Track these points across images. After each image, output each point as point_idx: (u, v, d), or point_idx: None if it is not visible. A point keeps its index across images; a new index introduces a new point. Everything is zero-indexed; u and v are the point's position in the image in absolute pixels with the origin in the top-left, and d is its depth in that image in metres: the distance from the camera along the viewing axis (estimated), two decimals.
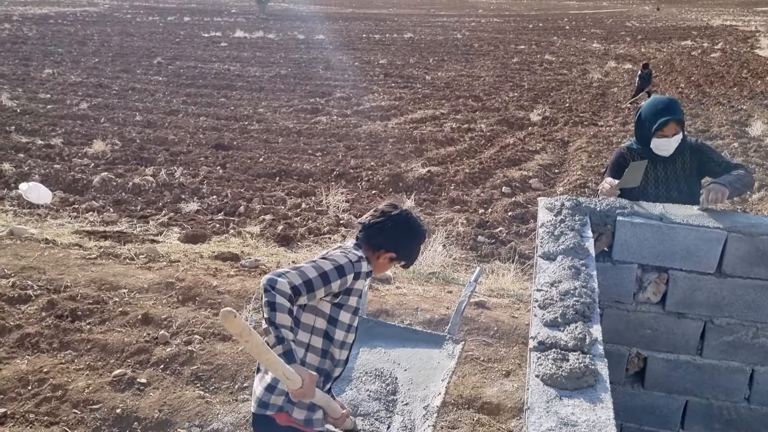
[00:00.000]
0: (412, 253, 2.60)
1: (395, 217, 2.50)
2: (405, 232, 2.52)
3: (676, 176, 3.41)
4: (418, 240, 2.59)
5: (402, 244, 2.54)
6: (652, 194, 3.43)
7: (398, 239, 2.51)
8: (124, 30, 32.53)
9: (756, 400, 2.95)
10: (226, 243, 6.80)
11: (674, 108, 3.34)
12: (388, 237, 2.49)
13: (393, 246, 2.51)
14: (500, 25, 43.47)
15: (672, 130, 3.30)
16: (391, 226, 2.48)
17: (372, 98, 16.34)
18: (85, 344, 4.28)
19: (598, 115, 14.96)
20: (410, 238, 2.56)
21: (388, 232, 2.48)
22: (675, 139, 3.32)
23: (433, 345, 3.30)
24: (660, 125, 3.29)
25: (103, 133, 11.78)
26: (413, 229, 2.55)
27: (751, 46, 29.82)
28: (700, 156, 3.39)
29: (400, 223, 2.50)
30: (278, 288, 2.10)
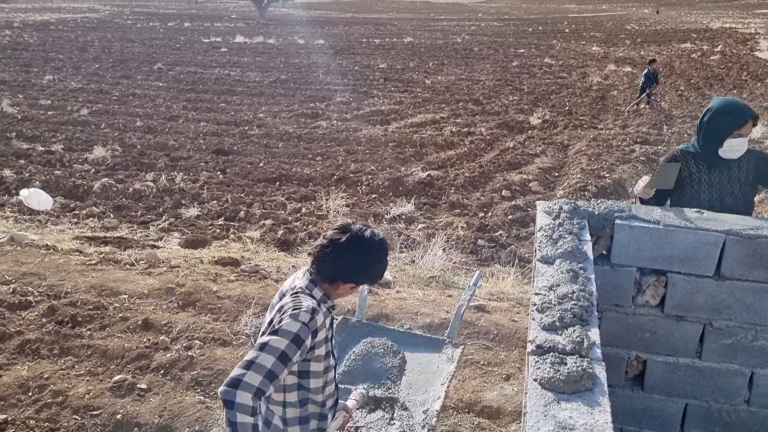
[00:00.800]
0: (373, 275, 2.33)
1: (345, 243, 2.20)
2: (359, 257, 2.22)
3: (730, 182, 3.34)
4: (375, 261, 2.27)
5: (358, 271, 2.26)
6: (705, 199, 3.37)
7: (352, 267, 2.23)
8: (124, 36, 32.64)
9: (756, 402, 2.95)
10: (226, 248, 6.81)
11: (748, 108, 3.29)
12: (341, 267, 2.21)
13: (348, 276, 2.25)
14: (500, 28, 43.54)
15: (749, 129, 3.26)
16: (341, 255, 2.20)
17: (372, 102, 16.36)
18: (86, 350, 4.28)
19: (598, 118, 14.97)
20: (365, 263, 2.25)
21: (339, 262, 2.20)
22: (745, 141, 3.26)
23: (432, 349, 3.30)
24: (741, 122, 3.24)
25: (104, 138, 11.81)
26: (368, 251, 2.23)
27: (750, 48, 29.85)
28: (758, 163, 3.33)
29: (351, 249, 2.20)
30: (238, 403, 1.89)
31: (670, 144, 11.83)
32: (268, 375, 1.96)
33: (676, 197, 3.47)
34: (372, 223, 8.00)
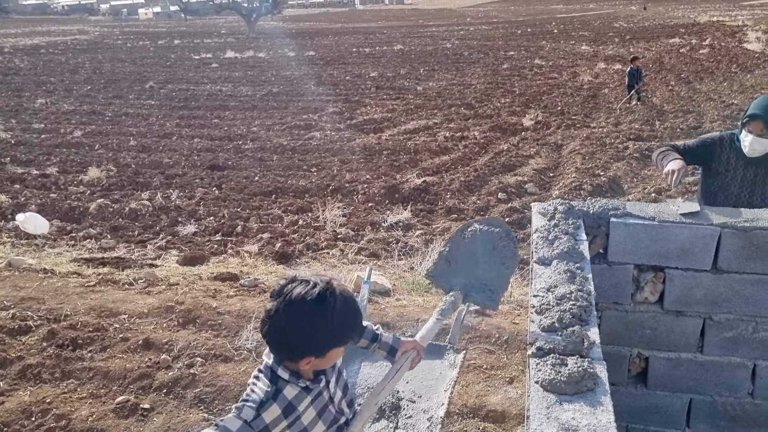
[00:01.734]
0: (336, 339, 1.76)
1: (279, 315, 1.67)
2: (310, 321, 1.67)
3: (764, 183, 3.29)
4: (335, 319, 1.69)
5: (310, 341, 1.69)
6: (734, 194, 3.34)
7: (303, 338, 1.69)
8: (115, 56, 32.71)
9: (760, 395, 2.94)
10: (224, 263, 6.80)
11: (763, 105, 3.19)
12: (284, 345, 1.73)
13: (299, 349, 1.73)
14: (489, 32, 43.71)
15: (758, 129, 3.18)
16: (287, 326, 1.68)
17: (364, 111, 16.40)
18: (87, 372, 4.27)
19: (591, 117, 15.01)
20: (320, 327, 1.68)
21: (280, 340, 1.72)
22: (759, 141, 3.18)
23: (434, 355, 3.29)
24: (748, 117, 3.20)
25: (98, 159, 11.82)
26: (321, 311, 1.66)
27: (739, 40, 29.99)
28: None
29: (288, 319, 1.67)
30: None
31: (663, 139, 11.86)
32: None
33: (707, 184, 3.41)
34: (369, 232, 8.00)
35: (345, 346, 1.80)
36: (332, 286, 1.72)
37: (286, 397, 1.79)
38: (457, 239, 2.64)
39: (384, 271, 6.37)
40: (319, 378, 1.86)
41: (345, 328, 1.76)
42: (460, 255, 2.62)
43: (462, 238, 2.63)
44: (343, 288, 1.76)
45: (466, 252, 2.62)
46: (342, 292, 1.73)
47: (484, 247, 2.61)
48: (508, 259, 2.62)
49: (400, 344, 2.26)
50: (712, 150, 3.38)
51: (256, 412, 1.72)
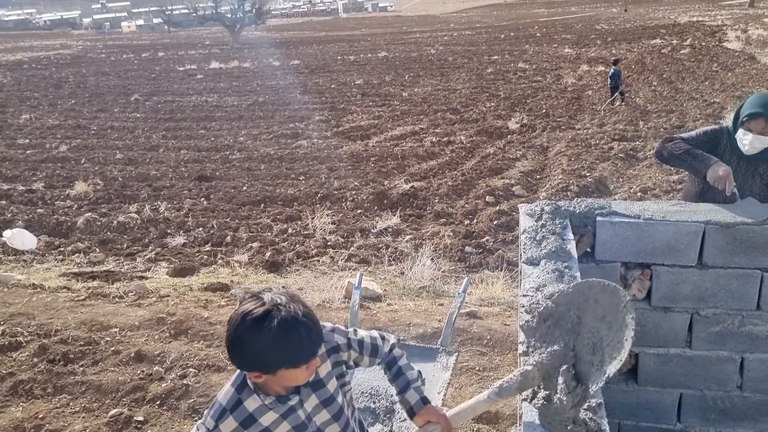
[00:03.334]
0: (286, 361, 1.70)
1: (228, 326, 1.70)
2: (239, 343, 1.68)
3: (753, 179, 3.28)
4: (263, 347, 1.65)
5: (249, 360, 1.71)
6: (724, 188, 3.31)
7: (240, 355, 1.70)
8: (99, 70, 32.58)
9: (748, 387, 2.98)
10: (215, 274, 6.80)
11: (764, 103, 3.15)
12: (233, 356, 1.72)
13: (245, 366, 1.76)
14: (472, 37, 43.96)
15: (758, 127, 3.14)
16: (228, 342, 1.70)
17: (351, 118, 16.45)
18: (80, 386, 4.25)
19: (575, 119, 15.14)
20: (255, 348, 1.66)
21: (229, 351, 1.71)
22: (759, 139, 3.16)
23: (426, 358, 3.31)
24: (748, 116, 3.18)
25: (85, 173, 11.77)
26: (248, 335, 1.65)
27: (719, 40, 30.36)
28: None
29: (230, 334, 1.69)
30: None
31: (647, 139, 11.99)
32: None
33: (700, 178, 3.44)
34: (359, 238, 8.02)
35: (303, 367, 1.71)
36: (279, 308, 1.66)
37: (247, 409, 1.79)
38: (573, 298, 1.97)
39: (375, 276, 6.39)
40: (289, 397, 1.82)
41: (287, 352, 1.66)
42: (566, 321, 1.96)
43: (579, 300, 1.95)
44: (295, 310, 1.67)
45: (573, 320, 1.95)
46: (289, 315, 1.65)
47: (595, 318, 1.92)
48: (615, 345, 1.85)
49: (422, 409, 2.02)
50: (716, 142, 3.37)
51: (215, 423, 1.78)
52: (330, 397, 1.93)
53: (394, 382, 2.10)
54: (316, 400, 1.90)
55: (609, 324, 1.89)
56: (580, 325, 1.92)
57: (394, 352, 2.15)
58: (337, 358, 1.96)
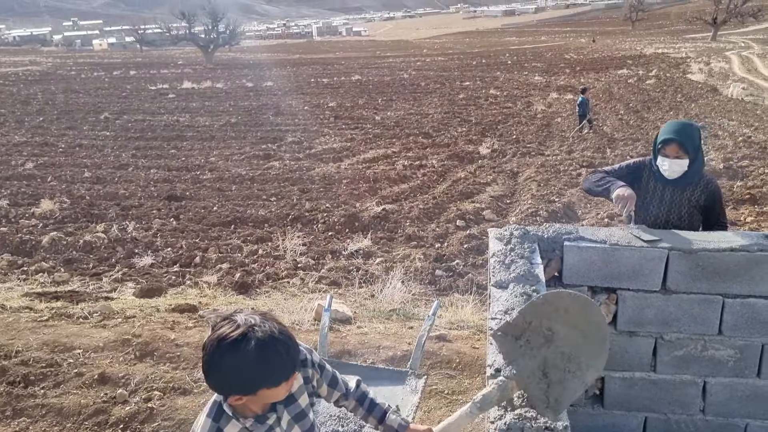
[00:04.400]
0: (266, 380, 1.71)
1: (205, 352, 1.69)
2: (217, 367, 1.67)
3: (680, 204, 3.43)
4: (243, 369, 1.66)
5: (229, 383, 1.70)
6: (653, 213, 3.47)
7: (219, 380, 1.70)
8: (68, 87, 32.20)
9: (711, 411, 3.04)
10: (183, 295, 6.70)
11: (682, 132, 3.32)
12: (211, 382, 1.71)
13: (224, 391, 1.74)
14: (445, 63, 44.58)
15: (673, 152, 3.30)
16: (206, 368, 1.69)
17: (324, 141, 16.48)
18: (40, 410, 4.13)
19: (545, 145, 15.39)
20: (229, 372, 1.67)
21: (207, 377, 1.70)
22: (677, 163, 3.31)
23: (395, 381, 3.31)
24: (662, 143, 3.34)
25: (51, 192, 11.56)
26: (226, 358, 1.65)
27: (683, 71, 31.28)
28: (708, 197, 3.40)
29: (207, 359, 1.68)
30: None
31: None
32: None
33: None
34: (330, 260, 8.00)
35: (282, 385, 1.74)
36: (254, 329, 1.67)
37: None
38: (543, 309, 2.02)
39: (345, 299, 6.37)
40: (267, 416, 1.82)
41: (267, 372, 1.68)
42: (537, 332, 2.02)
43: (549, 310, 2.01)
44: (270, 329, 1.69)
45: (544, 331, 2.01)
46: (266, 334, 1.67)
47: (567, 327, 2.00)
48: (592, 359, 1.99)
49: (406, 430, 2.08)
50: (637, 174, 3.55)
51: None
52: (302, 412, 1.93)
53: (371, 415, 2.13)
54: (289, 416, 1.90)
55: (583, 333, 1.97)
56: (552, 335, 1.98)
57: (362, 387, 2.18)
58: (305, 373, 1.96)
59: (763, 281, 2.82)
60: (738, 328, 2.89)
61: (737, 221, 9.07)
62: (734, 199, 9.98)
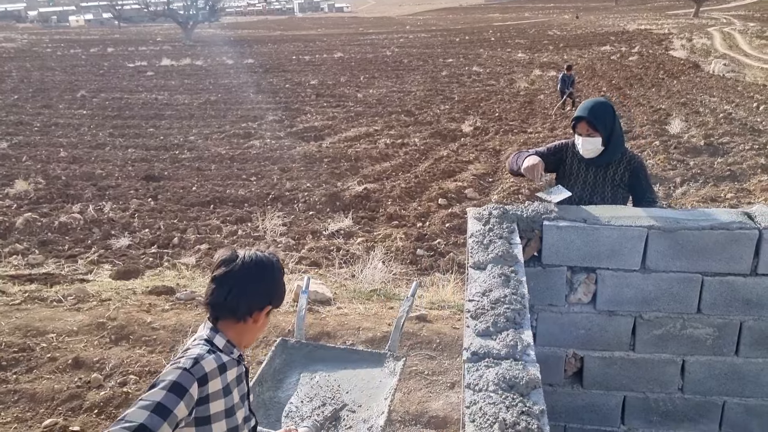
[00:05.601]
0: (282, 290, 2.13)
1: (244, 268, 1.99)
2: (263, 274, 2.03)
3: (603, 183, 3.44)
4: (279, 274, 2.09)
5: (270, 288, 2.06)
6: (577, 195, 3.47)
7: (262, 288, 2.03)
8: (44, 64, 31.53)
9: (689, 389, 3.03)
10: (160, 277, 6.60)
11: (592, 110, 3.33)
12: (254, 294, 2.00)
13: (265, 297, 2.05)
14: (428, 40, 44.23)
15: (584, 130, 3.32)
16: (248, 281, 1.99)
17: (305, 119, 16.30)
18: (12, 395, 4.05)
19: (527, 123, 15.35)
20: (272, 278, 2.06)
21: (249, 290, 1.99)
22: (589, 141, 3.32)
23: (374, 364, 3.27)
24: (573, 121, 3.36)
25: (26, 172, 11.32)
26: (268, 266, 2.05)
27: (665, 48, 31.30)
28: (631, 174, 3.41)
29: (254, 270, 2.00)
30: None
31: None
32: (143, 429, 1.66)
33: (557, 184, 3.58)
34: (310, 240, 7.92)
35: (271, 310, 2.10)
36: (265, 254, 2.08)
37: (221, 358, 1.91)
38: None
39: (325, 279, 6.31)
40: (242, 358, 2.04)
41: (283, 290, 2.12)
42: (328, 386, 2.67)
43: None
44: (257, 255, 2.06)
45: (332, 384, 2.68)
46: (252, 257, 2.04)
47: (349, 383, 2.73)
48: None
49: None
50: (559, 156, 3.54)
51: (194, 361, 1.84)
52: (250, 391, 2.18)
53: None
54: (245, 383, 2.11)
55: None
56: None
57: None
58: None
59: (741, 259, 2.79)
60: (717, 306, 2.87)
61: (717, 198, 9.12)
62: (714, 176, 10.02)
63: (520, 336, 2.08)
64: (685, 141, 12.00)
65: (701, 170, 10.28)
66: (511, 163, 3.50)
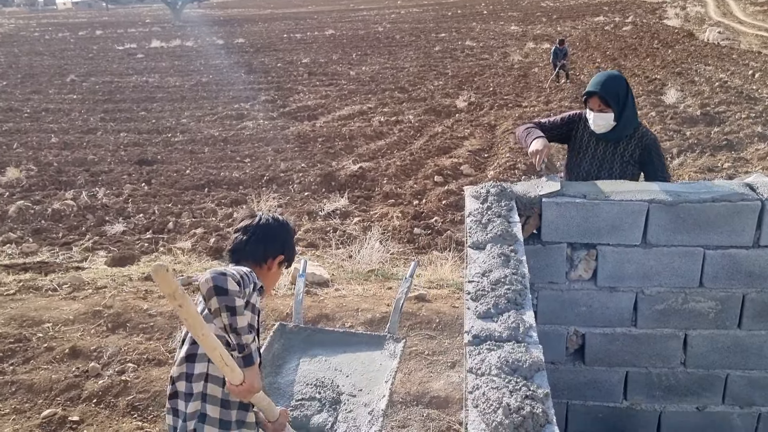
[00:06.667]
0: (293, 247, 2.52)
1: (264, 222, 2.40)
2: (280, 230, 2.42)
3: (612, 159, 3.31)
4: (292, 233, 2.51)
5: (283, 241, 2.43)
6: (585, 170, 3.37)
7: (278, 239, 2.41)
8: (32, 49, 31.14)
9: (692, 363, 3.01)
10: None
11: (604, 85, 3.20)
12: (270, 243, 2.38)
13: (278, 247, 2.41)
14: (420, 14, 43.78)
15: (595, 105, 3.20)
16: (266, 232, 2.38)
17: (298, 98, 16.15)
18: (9, 387, 4.01)
19: (522, 96, 15.23)
20: (286, 234, 2.46)
21: (267, 239, 2.37)
22: (600, 117, 3.21)
23: (374, 346, 3.23)
24: (585, 95, 3.26)
25: (17, 159, 11.20)
26: (284, 224, 2.46)
27: (659, 17, 31.03)
28: (643, 151, 3.27)
29: (271, 224, 2.40)
30: (231, 289, 1.94)
31: None
32: (239, 282, 1.99)
33: (568, 160, 3.49)
34: (306, 222, 7.87)
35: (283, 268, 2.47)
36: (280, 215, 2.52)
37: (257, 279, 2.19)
38: None
39: (322, 261, 6.27)
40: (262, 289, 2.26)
41: (294, 248, 2.52)
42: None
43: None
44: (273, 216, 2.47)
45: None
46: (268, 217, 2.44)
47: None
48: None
49: None
50: (570, 127, 3.43)
51: (250, 270, 2.16)
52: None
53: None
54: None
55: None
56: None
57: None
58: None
59: (744, 231, 2.75)
60: (719, 279, 2.84)
61: (714, 168, 9.07)
62: (711, 146, 9.96)
63: (521, 317, 2.04)
64: (681, 111, 11.92)
65: (698, 140, 10.22)
66: (520, 138, 3.39)
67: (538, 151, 3.12)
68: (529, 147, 3.19)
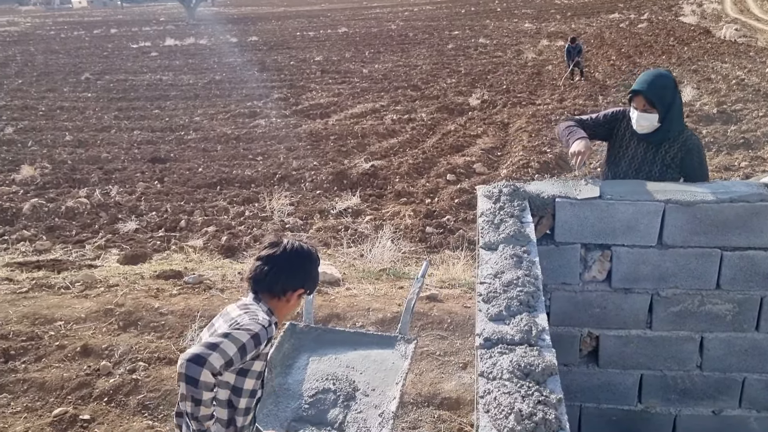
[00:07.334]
0: (315, 278, 2.44)
1: (286, 254, 2.31)
2: (302, 262, 2.34)
3: (653, 161, 3.18)
4: (315, 264, 2.42)
5: (305, 275, 2.37)
6: (623, 170, 3.26)
7: (299, 272, 2.34)
8: (48, 47, 31.40)
9: (708, 366, 2.96)
10: (168, 260, 6.55)
11: (651, 84, 3.07)
12: (290, 276, 2.31)
13: (299, 282, 2.34)
14: (433, 12, 43.66)
15: (640, 105, 3.08)
16: (288, 265, 2.31)
17: (310, 96, 16.14)
18: (21, 385, 4.03)
19: (535, 94, 15.12)
20: (309, 266, 2.38)
21: (288, 272, 2.31)
22: (644, 117, 3.08)
23: (385, 347, 3.20)
24: (630, 94, 3.14)
25: (32, 157, 11.28)
26: (307, 256, 2.37)
27: (675, 14, 30.73)
28: (686, 156, 3.13)
29: (294, 256, 2.32)
30: (203, 381, 1.91)
31: None
32: (228, 363, 1.99)
33: (608, 157, 3.39)
34: (318, 220, 7.85)
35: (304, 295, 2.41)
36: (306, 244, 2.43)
37: (274, 329, 2.22)
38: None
39: (334, 259, 6.25)
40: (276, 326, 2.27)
41: (317, 278, 2.46)
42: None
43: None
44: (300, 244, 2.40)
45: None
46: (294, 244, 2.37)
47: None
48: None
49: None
50: (613, 125, 3.31)
51: (269, 322, 2.16)
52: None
53: None
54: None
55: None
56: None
57: None
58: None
59: (762, 232, 2.69)
60: (736, 281, 2.78)
61: (731, 166, 8.95)
62: (728, 144, 9.83)
63: (534, 320, 2.00)
64: (697, 109, 11.78)
65: (714, 138, 10.09)
66: (561, 136, 3.29)
67: (580, 152, 3.02)
68: (570, 147, 3.09)
